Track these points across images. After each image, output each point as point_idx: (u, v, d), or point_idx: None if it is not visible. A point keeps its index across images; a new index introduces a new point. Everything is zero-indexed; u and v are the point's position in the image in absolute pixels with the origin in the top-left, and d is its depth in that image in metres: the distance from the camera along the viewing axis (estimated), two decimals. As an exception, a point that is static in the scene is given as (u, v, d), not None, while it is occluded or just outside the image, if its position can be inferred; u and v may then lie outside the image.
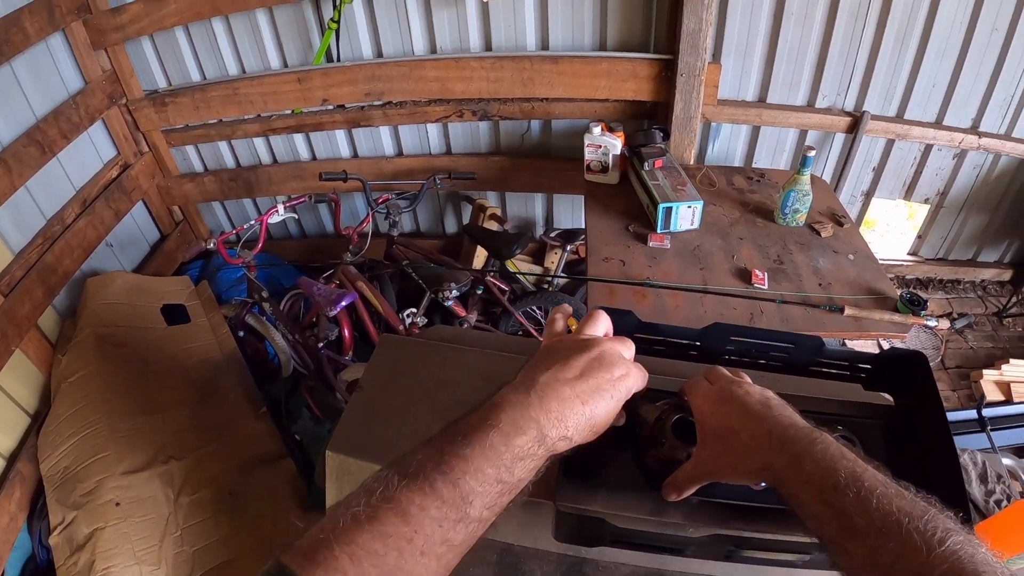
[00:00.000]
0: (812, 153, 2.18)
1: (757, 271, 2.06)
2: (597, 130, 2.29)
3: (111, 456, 2.04)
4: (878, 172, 2.78)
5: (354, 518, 0.41)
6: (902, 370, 0.81)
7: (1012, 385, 2.71)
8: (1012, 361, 2.76)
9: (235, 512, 2.06)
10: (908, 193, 2.85)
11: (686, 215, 2.15)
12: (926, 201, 2.88)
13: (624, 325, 0.84)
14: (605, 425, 0.58)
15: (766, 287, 2.04)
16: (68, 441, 2.06)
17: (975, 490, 1.08)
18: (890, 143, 2.69)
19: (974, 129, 2.73)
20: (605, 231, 2.16)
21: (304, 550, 0.39)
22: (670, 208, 2.11)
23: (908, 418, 0.76)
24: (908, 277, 3.07)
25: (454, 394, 0.84)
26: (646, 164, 2.21)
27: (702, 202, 2.14)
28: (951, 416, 2.58)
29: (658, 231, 2.14)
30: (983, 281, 3.12)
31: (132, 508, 1.95)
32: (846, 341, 2.74)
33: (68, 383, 2.18)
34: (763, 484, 0.60)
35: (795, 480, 0.52)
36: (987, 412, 2.65)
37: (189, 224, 2.86)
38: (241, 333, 2.54)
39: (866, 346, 2.76)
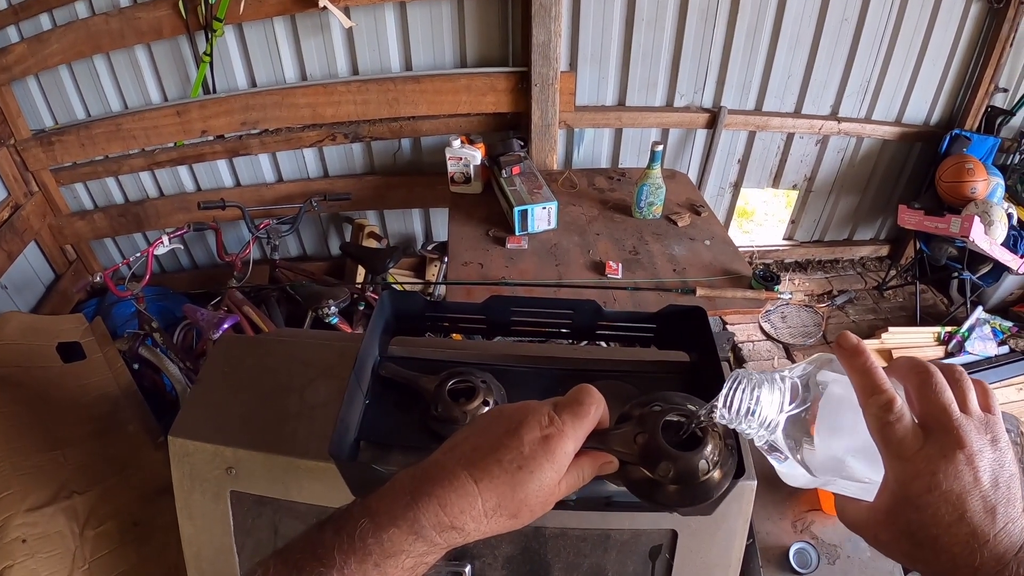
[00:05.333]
0: (659, 148, 2.30)
1: (611, 262, 2.16)
2: (457, 143, 2.39)
3: (15, 494, 2.06)
4: (743, 163, 2.91)
5: None
6: (685, 325, 0.84)
7: (893, 352, 2.81)
8: (891, 329, 2.86)
9: (141, 542, 2.10)
10: (776, 181, 2.98)
11: (542, 216, 2.25)
12: (794, 187, 3.02)
13: (411, 307, 0.88)
14: (537, 505, 0.45)
15: (620, 276, 2.14)
16: (-28, 483, 2.08)
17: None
18: (752, 135, 2.83)
19: (834, 115, 2.88)
20: (467, 237, 2.24)
21: None
22: (525, 210, 2.21)
23: (699, 371, 0.80)
24: (787, 261, 3.20)
25: (275, 379, 0.90)
26: (504, 171, 2.31)
27: (556, 203, 2.24)
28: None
29: (516, 233, 2.23)
30: (862, 258, 3.26)
31: (39, 544, 1.97)
32: (727, 325, 2.85)
33: (-31, 425, 2.20)
34: None
35: None
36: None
37: (82, 262, 2.89)
38: (136, 366, 2.57)
39: (748, 328, 2.88)
